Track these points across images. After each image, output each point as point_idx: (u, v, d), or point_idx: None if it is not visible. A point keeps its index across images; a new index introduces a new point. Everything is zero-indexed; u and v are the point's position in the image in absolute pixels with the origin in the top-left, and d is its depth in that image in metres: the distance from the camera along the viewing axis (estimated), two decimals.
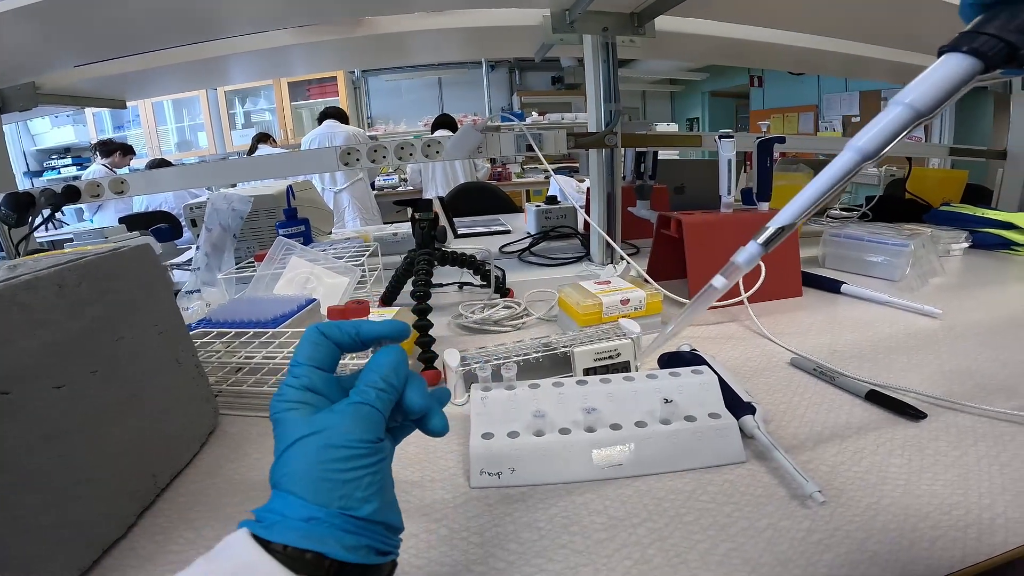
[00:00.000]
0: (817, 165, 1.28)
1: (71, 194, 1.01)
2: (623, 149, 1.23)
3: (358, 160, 0.96)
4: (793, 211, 0.38)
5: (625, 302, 0.66)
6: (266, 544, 0.23)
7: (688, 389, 0.47)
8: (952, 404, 0.51)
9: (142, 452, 0.43)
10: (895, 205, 1.37)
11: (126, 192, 1.00)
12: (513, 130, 0.94)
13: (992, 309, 0.77)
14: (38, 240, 1.37)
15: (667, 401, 0.44)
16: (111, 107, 1.49)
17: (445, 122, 3.29)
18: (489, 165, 3.55)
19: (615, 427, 0.44)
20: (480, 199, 2.31)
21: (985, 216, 1.15)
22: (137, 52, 1.14)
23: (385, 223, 2.70)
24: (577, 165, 3.82)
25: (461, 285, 0.96)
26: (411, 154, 0.95)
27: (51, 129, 4.46)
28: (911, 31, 1.14)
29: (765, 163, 0.81)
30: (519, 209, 2.17)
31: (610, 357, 0.53)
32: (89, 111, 4.25)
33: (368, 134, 4.24)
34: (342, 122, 3.09)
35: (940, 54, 0.33)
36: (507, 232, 1.53)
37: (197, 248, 0.86)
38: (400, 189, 4.01)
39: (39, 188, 1.00)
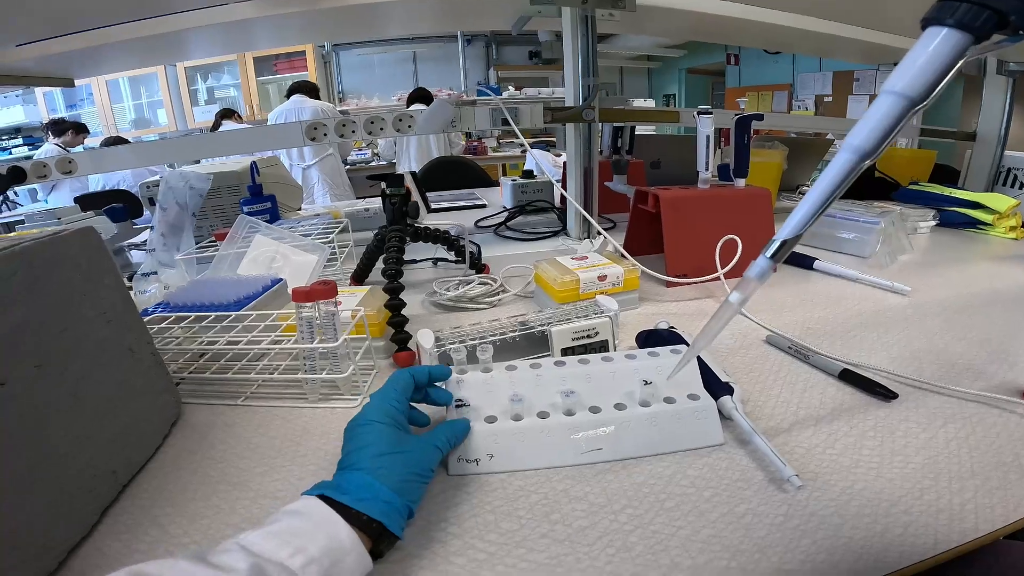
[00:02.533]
0: (790, 143, 1.28)
1: (17, 175, 0.94)
2: (600, 124, 1.21)
3: (325, 135, 0.92)
4: (796, 223, 0.35)
5: (603, 278, 0.65)
6: (343, 509, 0.32)
7: (667, 369, 0.46)
8: (921, 384, 0.52)
9: (98, 448, 0.41)
10: (865, 183, 1.39)
11: (75, 172, 0.94)
12: (489, 104, 0.91)
13: (959, 287, 0.78)
14: None
15: (646, 383, 0.43)
16: (58, 86, 1.40)
17: (421, 96, 3.19)
18: (464, 140, 3.48)
19: (594, 410, 0.43)
20: (455, 173, 2.26)
21: (953, 195, 1.17)
22: (83, 29, 1.05)
23: (358, 198, 2.63)
24: (554, 140, 3.78)
25: (435, 261, 0.93)
26: (382, 128, 0.91)
27: None
28: (882, 12, 1.14)
29: (743, 140, 0.81)
30: (495, 183, 2.15)
31: (588, 336, 0.52)
32: (39, 90, 4.05)
33: (339, 109, 4.11)
34: (311, 96, 2.98)
35: (924, 27, 0.30)
36: (483, 206, 1.50)
37: (152, 228, 0.81)
38: (373, 164, 3.91)
39: None
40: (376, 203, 1.33)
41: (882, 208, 1.01)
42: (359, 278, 0.82)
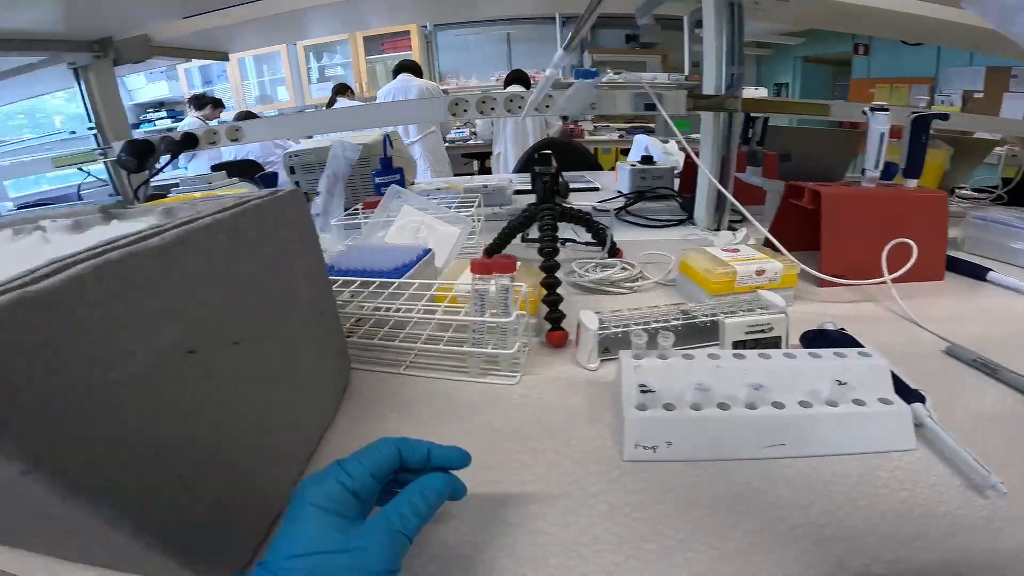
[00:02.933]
0: (954, 143, 1.15)
1: (189, 141, 1.05)
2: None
3: (466, 111, 0.95)
4: None
5: (760, 272, 0.62)
6: None
7: (855, 371, 0.44)
8: None
9: (300, 412, 0.42)
10: None
11: (241, 139, 1.03)
12: (631, 88, 0.89)
13: None
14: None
15: (840, 383, 0.41)
16: (215, 59, 1.54)
17: (518, 78, 3.20)
18: (561, 123, 3.45)
19: (777, 405, 0.42)
20: (562, 156, 2.25)
21: None
22: (237, 3, 1.15)
23: (455, 175, 2.69)
24: (652, 126, 3.66)
25: (564, 242, 0.93)
26: (520, 107, 0.92)
27: (146, 85, 4.71)
28: None
29: (920, 138, 0.74)
30: (599, 167, 2.13)
31: (762, 331, 0.50)
32: (181, 67, 4.46)
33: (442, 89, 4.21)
34: (416, 76, 3.07)
35: None
36: (596, 189, 1.49)
37: (318, 194, 0.88)
38: (470, 143, 4.00)
39: (157, 135, 1.05)
40: (493, 180, 1.36)
41: None
42: (492, 252, 0.84)
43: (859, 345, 0.50)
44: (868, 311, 0.67)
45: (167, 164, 1.07)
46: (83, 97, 1.21)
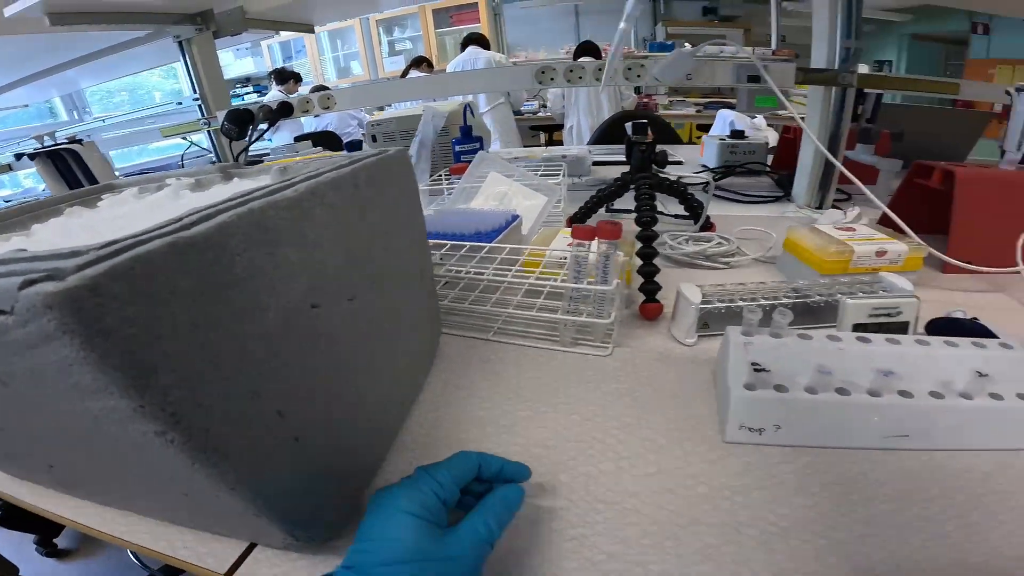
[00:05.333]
0: None
1: (286, 109, 1.09)
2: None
3: (552, 79, 0.93)
4: None
5: (881, 253, 0.57)
6: None
7: (995, 363, 0.40)
8: None
9: (400, 373, 0.42)
10: None
11: (332, 108, 1.06)
12: (734, 59, 0.84)
13: None
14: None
15: (981, 375, 0.38)
16: (302, 31, 1.59)
17: (588, 49, 3.11)
18: (635, 95, 3.32)
19: (905, 394, 0.39)
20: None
21: None
22: None
23: (524, 146, 2.66)
24: (734, 101, 3.47)
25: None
26: (612, 76, 0.89)
27: (233, 61, 4.97)
28: None
29: None
30: (680, 140, 2.05)
31: (888, 315, 0.46)
32: (265, 43, 4.68)
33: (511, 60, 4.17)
34: (484, 48, 3.05)
35: None
36: (679, 163, 1.43)
37: (413, 158, 0.89)
38: (539, 115, 3.95)
39: (256, 104, 1.10)
40: (573, 150, 1.33)
41: None
42: (577, 222, 0.82)
43: (994, 335, 0.45)
44: (1000, 302, 0.61)
45: (266, 131, 1.12)
46: (188, 68, 1.29)
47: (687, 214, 0.78)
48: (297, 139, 2.26)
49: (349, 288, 0.33)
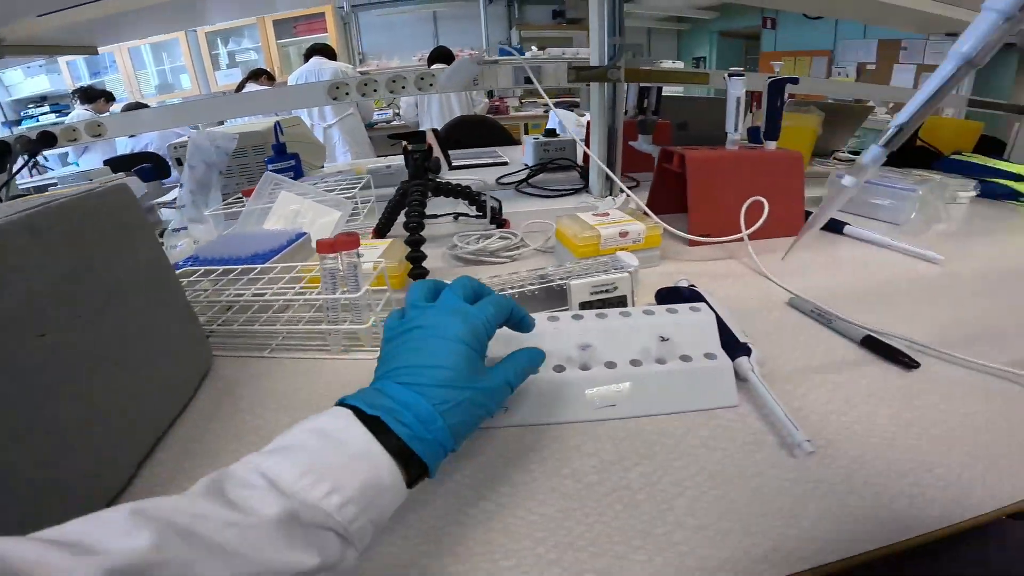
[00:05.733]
0: (827, 108, 1.23)
1: (47, 139, 0.97)
2: (626, 84, 1.18)
3: (347, 94, 0.92)
4: (908, 111, 0.41)
5: (624, 234, 0.64)
6: (387, 436, 0.28)
7: (685, 327, 0.46)
8: (945, 355, 0.50)
9: (139, 398, 0.42)
10: (906, 151, 1.33)
11: (104, 135, 0.96)
12: (512, 62, 0.89)
13: (993, 259, 0.75)
14: (20, 186, 1.33)
15: (663, 339, 0.43)
16: (82, 54, 1.43)
17: (442, 55, 3.14)
18: (487, 99, 3.43)
19: (610, 365, 0.43)
20: (477, 132, 2.24)
21: (996, 167, 1.11)
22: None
23: (380, 156, 2.62)
24: (578, 100, 3.70)
25: (456, 216, 0.93)
26: (403, 87, 0.90)
27: (24, 79, 4.38)
28: None
29: (776, 103, 0.78)
30: (517, 142, 2.13)
31: (607, 291, 0.52)
32: (63, 59, 4.12)
33: (360, 70, 4.08)
34: (329, 58, 2.97)
35: None
36: (504, 164, 1.49)
37: (181, 186, 0.83)
38: (394, 124, 3.90)
39: (14, 135, 0.96)
40: (397, 160, 1.33)
41: (921, 176, 0.97)
42: (381, 232, 0.83)
43: (704, 300, 0.52)
44: (728, 268, 0.71)
45: (25, 165, 0.98)
46: None
47: (481, 213, 0.82)
48: (106, 162, 2.01)
49: (38, 325, 0.34)
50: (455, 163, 1.52)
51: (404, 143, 0.70)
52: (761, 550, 0.31)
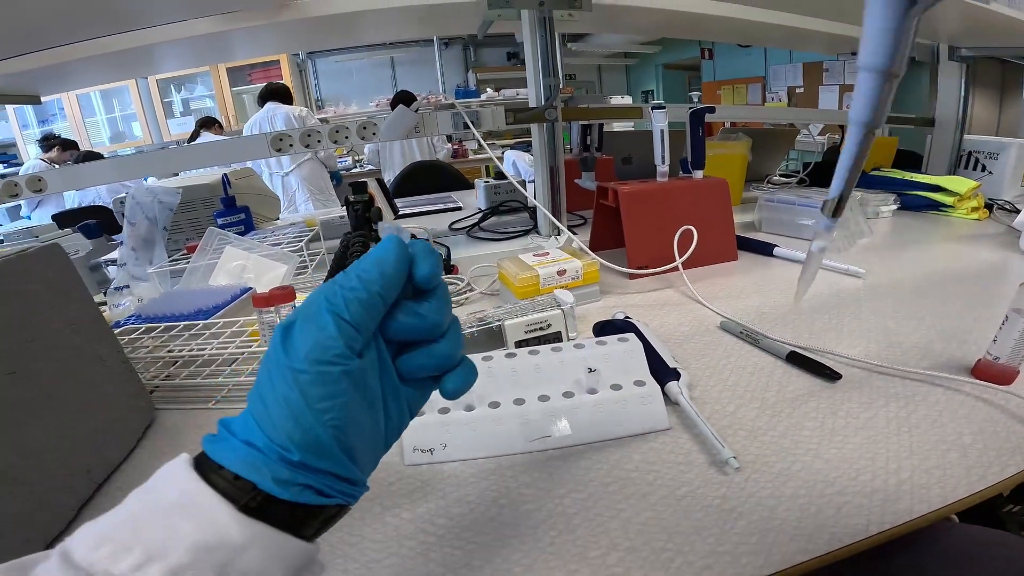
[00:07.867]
0: (755, 134, 1.31)
1: None
2: (568, 123, 1.23)
3: (291, 146, 0.93)
4: (836, 187, 0.39)
5: (562, 273, 0.67)
6: (208, 468, 0.22)
7: (614, 357, 0.48)
8: (867, 364, 0.53)
9: (72, 448, 0.43)
10: (829, 170, 1.42)
11: (45, 190, 0.94)
12: (449, 109, 0.93)
13: (916, 268, 0.80)
14: None
15: (591, 370, 0.45)
16: (23, 103, 1.39)
17: (404, 99, 3.20)
18: (449, 144, 3.49)
19: (543, 398, 0.45)
20: (433, 177, 2.28)
21: (914, 180, 1.20)
22: (47, 47, 1.06)
23: (343, 204, 2.62)
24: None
25: None
26: (347, 136, 0.93)
27: None
28: (840, 3, 1.17)
29: (697, 132, 0.83)
30: (470, 186, 2.17)
31: (541, 328, 0.54)
32: (9, 107, 4.00)
33: (319, 117, 4.11)
34: (284, 102, 2.96)
35: None
36: (458, 209, 1.52)
37: (122, 244, 0.83)
38: (355, 171, 3.92)
39: None
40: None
41: None
42: None
43: (635, 330, 0.55)
44: (665, 297, 0.74)
45: None
46: None
47: None
48: (55, 217, 1.96)
49: None
50: (403, 211, 1.54)
51: (347, 197, 0.72)
52: (694, 568, 0.32)
